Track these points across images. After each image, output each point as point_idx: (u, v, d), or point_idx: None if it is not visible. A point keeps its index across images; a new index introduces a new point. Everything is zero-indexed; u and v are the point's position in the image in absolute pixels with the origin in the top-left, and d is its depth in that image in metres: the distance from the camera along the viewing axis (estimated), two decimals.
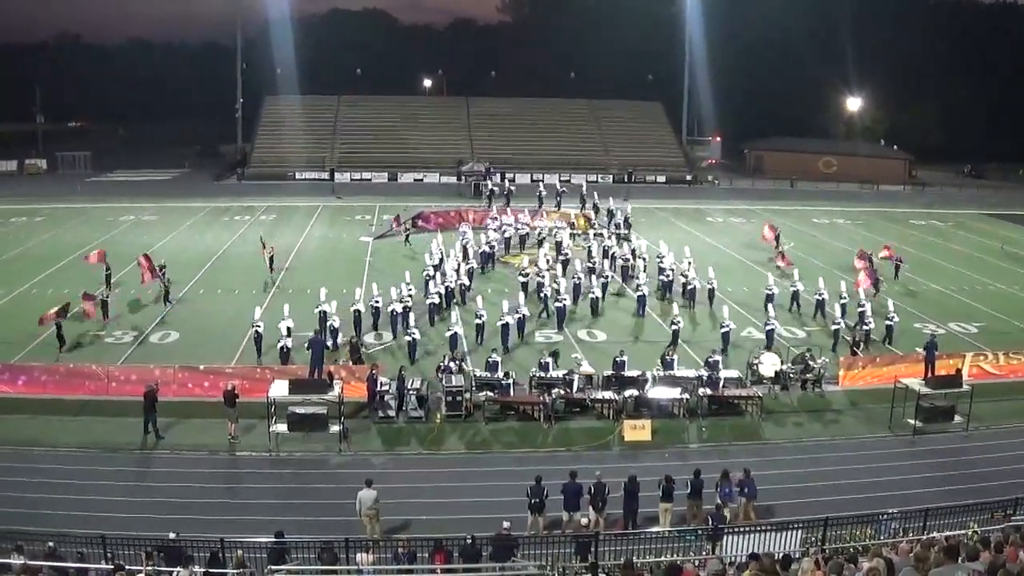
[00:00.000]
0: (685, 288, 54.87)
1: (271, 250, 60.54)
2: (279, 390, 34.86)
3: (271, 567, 22.50)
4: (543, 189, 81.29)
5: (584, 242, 64.67)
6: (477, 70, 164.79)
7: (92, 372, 39.23)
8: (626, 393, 37.46)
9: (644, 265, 57.09)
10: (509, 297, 49.38)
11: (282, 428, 34.09)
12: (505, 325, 44.88)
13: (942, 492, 29.85)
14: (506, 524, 25.59)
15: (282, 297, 51.82)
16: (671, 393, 37.84)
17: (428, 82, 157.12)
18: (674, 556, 24.23)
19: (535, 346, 45.46)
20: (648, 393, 37.70)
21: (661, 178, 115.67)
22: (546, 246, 62.73)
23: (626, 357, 39.74)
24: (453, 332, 42.99)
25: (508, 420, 37.24)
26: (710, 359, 40.05)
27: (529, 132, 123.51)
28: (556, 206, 77.73)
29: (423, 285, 51.25)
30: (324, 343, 41.15)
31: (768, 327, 45.38)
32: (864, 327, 46.31)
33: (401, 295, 47.73)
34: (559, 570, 23.19)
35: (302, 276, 59.19)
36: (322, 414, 34.22)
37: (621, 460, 33.16)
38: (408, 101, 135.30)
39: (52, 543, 23.32)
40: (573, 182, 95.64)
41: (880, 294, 53.66)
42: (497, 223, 69.67)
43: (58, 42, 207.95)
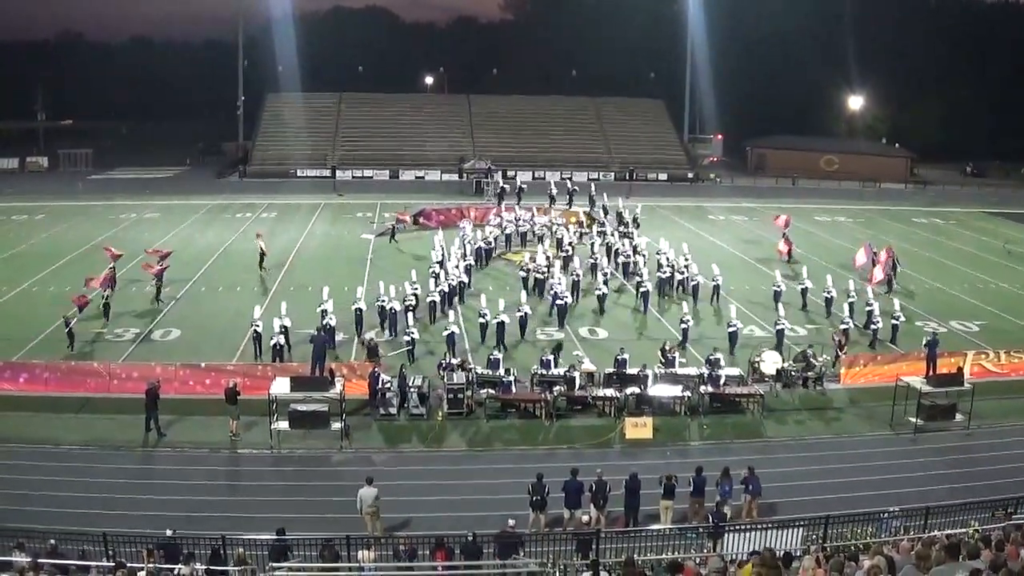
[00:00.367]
0: (683, 284, 55.18)
1: (261, 247, 60.63)
2: (280, 387, 34.82)
3: (272, 564, 22.50)
4: (554, 188, 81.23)
5: (587, 239, 64.55)
6: (479, 67, 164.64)
7: (93, 370, 39.29)
8: (627, 390, 37.48)
9: (644, 261, 57.12)
10: (506, 295, 49.43)
11: (283, 425, 34.12)
12: (501, 323, 44.71)
13: (943, 490, 29.85)
14: (511, 522, 25.62)
15: (283, 295, 51.84)
16: (672, 391, 37.85)
17: (430, 79, 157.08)
18: (675, 554, 24.23)
19: (536, 344, 45.46)
20: (649, 391, 37.70)
21: (663, 176, 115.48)
22: (546, 243, 62.64)
23: (627, 355, 39.68)
24: (450, 332, 42.77)
25: (509, 417, 37.26)
26: (711, 356, 40.00)
27: (531, 130, 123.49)
28: (568, 204, 77.52)
29: (431, 282, 50.80)
30: (325, 341, 41.16)
31: (778, 327, 45.11)
32: (872, 326, 46.27)
33: (405, 293, 47.69)
34: (560, 567, 23.19)
35: (303, 274, 59.20)
36: (323, 411, 34.25)
37: (622, 458, 33.15)
38: (410, 98, 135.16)
39: (54, 540, 23.32)
40: (575, 180, 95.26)
41: (883, 292, 53.51)
42: (498, 219, 69.73)
43: (60, 40, 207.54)
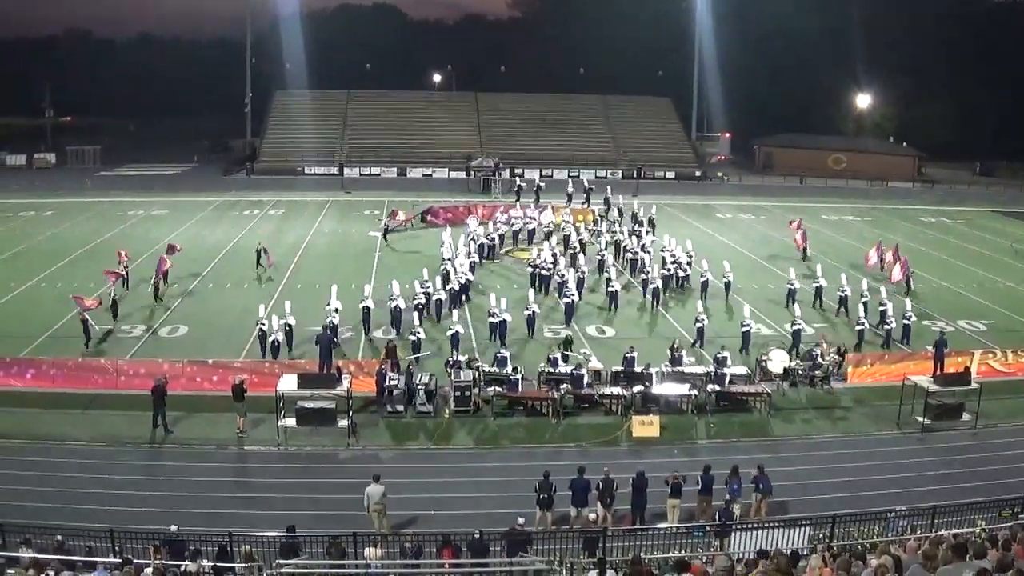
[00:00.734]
0: (686, 281, 55.72)
1: (259, 244, 60.77)
2: (288, 384, 34.90)
3: (279, 561, 22.52)
4: (571, 186, 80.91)
5: (596, 238, 64.54)
6: (486, 65, 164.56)
7: (101, 366, 39.34)
8: (634, 389, 37.47)
9: (650, 259, 57.12)
10: (514, 292, 49.41)
11: (291, 422, 34.15)
12: (503, 322, 44.62)
13: (950, 490, 29.81)
14: (520, 520, 25.63)
15: (291, 293, 51.93)
16: (679, 389, 37.83)
17: (437, 77, 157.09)
18: (682, 552, 24.24)
19: (543, 342, 45.47)
20: (656, 389, 37.70)
21: (670, 174, 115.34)
22: (553, 240, 62.61)
23: (636, 353, 39.58)
24: (454, 331, 42.51)
25: (516, 415, 37.25)
26: (719, 355, 39.96)
27: (538, 128, 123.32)
28: (585, 203, 77.35)
29: (437, 280, 50.50)
30: (332, 338, 41.16)
31: (795, 327, 44.65)
32: (886, 326, 46.14)
33: (414, 292, 47.69)
34: (567, 565, 23.20)
35: (311, 271, 59.28)
36: (331, 409, 34.27)
37: (629, 456, 33.16)
38: (417, 96, 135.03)
39: (60, 536, 23.37)
40: (582, 178, 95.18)
41: (893, 291, 53.17)
42: (506, 216, 69.79)
43: (68, 37, 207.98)
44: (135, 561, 21.02)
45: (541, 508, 27.92)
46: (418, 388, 37.07)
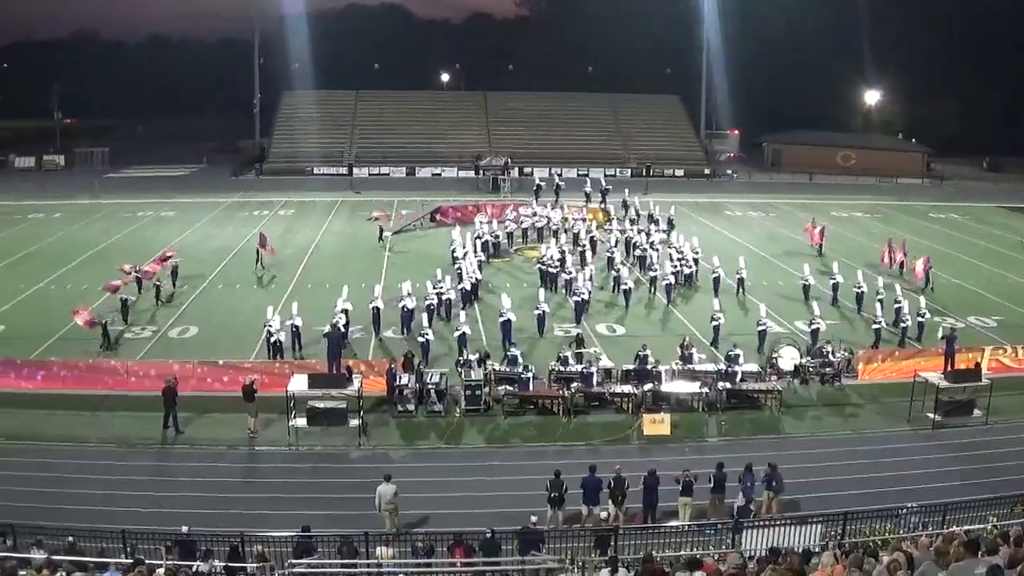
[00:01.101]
0: (691, 278, 55.84)
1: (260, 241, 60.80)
2: (299, 385, 34.94)
3: (291, 561, 22.55)
4: (589, 185, 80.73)
5: (607, 235, 64.48)
6: (495, 64, 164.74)
7: (111, 367, 39.41)
8: (645, 387, 37.44)
9: (658, 256, 57.06)
10: (523, 291, 49.35)
11: (301, 422, 34.22)
12: (507, 321, 44.48)
13: (962, 486, 29.73)
14: (533, 518, 25.68)
15: (301, 293, 52.06)
16: (690, 387, 37.82)
17: (445, 77, 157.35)
18: (694, 550, 24.22)
19: (553, 340, 45.45)
20: (666, 387, 37.66)
21: (679, 172, 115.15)
22: (562, 238, 62.56)
23: (648, 351, 39.52)
24: (461, 332, 42.43)
25: (527, 414, 37.27)
26: (731, 352, 39.91)
27: (547, 126, 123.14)
28: (601, 202, 77.18)
29: (447, 279, 50.29)
30: (340, 338, 41.16)
31: (814, 326, 44.45)
32: (902, 324, 46.00)
33: (426, 292, 47.65)
34: (578, 564, 23.21)
35: (320, 271, 59.34)
36: (341, 408, 34.34)
37: (640, 454, 33.14)
38: (425, 96, 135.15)
39: (72, 537, 23.44)
40: (599, 177, 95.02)
41: (904, 288, 52.86)
42: (515, 214, 69.79)
43: (76, 38, 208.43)
44: (147, 562, 21.06)
45: (552, 507, 27.89)
46: (429, 387, 37.09)
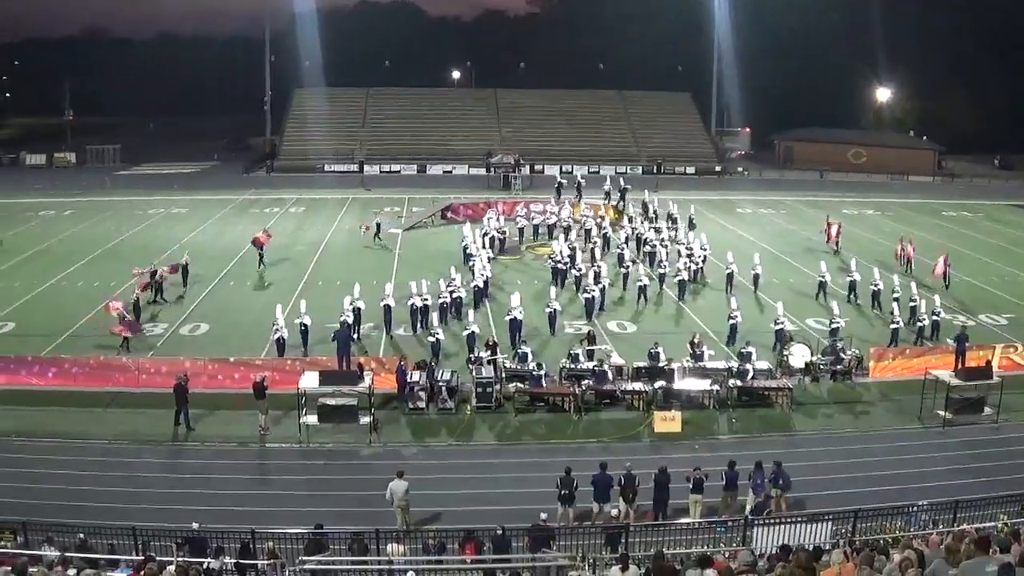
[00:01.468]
0: (698, 274, 56.04)
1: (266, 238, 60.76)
2: (309, 381, 35.00)
3: (302, 558, 22.58)
4: (608, 183, 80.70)
5: (620, 233, 64.42)
6: (506, 61, 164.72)
7: (122, 364, 39.51)
8: (656, 384, 37.42)
9: (667, 253, 57.01)
10: (534, 288, 49.33)
11: (312, 419, 34.25)
12: (513, 320, 44.47)
13: (972, 484, 29.63)
14: (543, 515, 25.67)
15: (312, 290, 52.15)
16: (701, 384, 37.79)
17: (456, 74, 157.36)
18: (705, 547, 24.21)
19: (564, 338, 45.44)
20: (677, 384, 37.64)
21: (690, 169, 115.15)
22: (572, 235, 62.54)
23: (660, 349, 39.51)
24: (470, 331, 42.30)
25: (538, 411, 37.27)
26: (743, 350, 39.88)
27: (558, 123, 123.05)
28: (620, 199, 76.96)
29: (458, 277, 50.18)
30: (349, 335, 41.16)
31: (833, 325, 44.31)
32: (918, 323, 45.86)
33: (439, 290, 47.62)
34: (589, 561, 23.22)
35: (331, 269, 59.41)
36: (352, 405, 34.37)
37: (651, 451, 33.14)
38: (437, 93, 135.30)
39: (83, 534, 23.52)
40: (602, 174, 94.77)
41: (919, 286, 52.54)
42: (525, 210, 69.82)
43: (87, 36, 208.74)
44: (157, 559, 21.11)
45: (563, 504, 27.87)
46: (440, 385, 37.12)
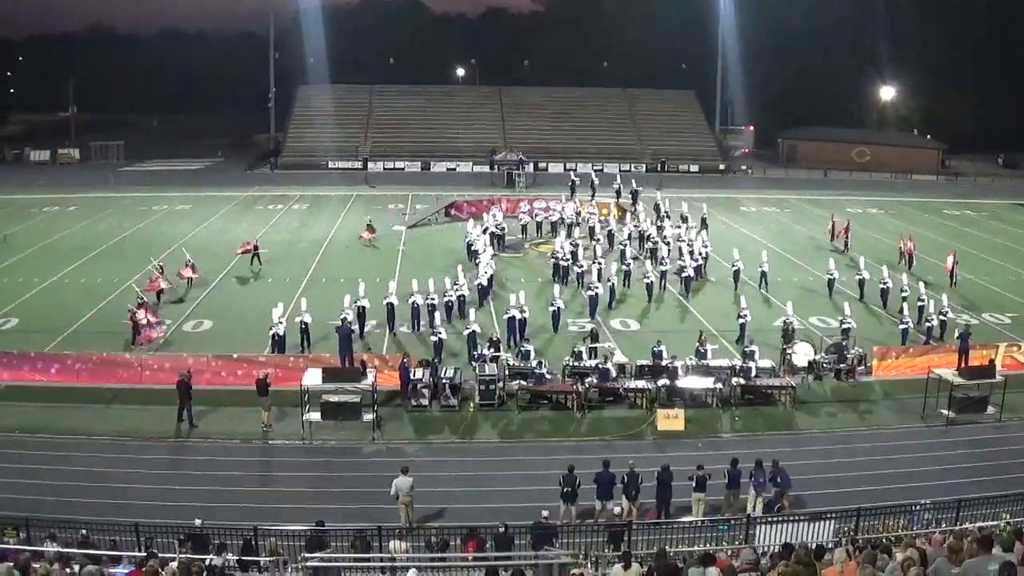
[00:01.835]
0: (699, 271, 55.92)
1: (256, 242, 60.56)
2: (312, 378, 35.02)
3: (305, 555, 22.59)
4: (619, 181, 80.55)
5: (623, 230, 64.39)
6: (510, 59, 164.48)
7: (125, 360, 39.56)
8: (659, 382, 37.39)
9: (668, 250, 57.01)
10: (537, 286, 49.32)
11: (315, 416, 34.25)
12: (512, 319, 44.33)
13: (975, 483, 29.58)
14: (545, 513, 25.69)
15: (315, 287, 52.18)
16: (704, 382, 37.76)
17: (461, 71, 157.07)
18: (707, 546, 24.21)
19: (567, 335, 45.43)
20: (681, 382, 37.61)
21: (694, 167, 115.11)
22: (575, 232, 62.46)
23: (664, 347, 39.49)
24: (471, 331, 42.12)
25: (541, 409, 37.25)
26: (747, 348, 39.86)
27: (562, 121, 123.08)
28: (632, 199, 76.80)
29: (461, 275, 50.17)
30: (351, 332, 41.10)
31: (845, 325, 44.07)
32: (927, 323, 45.78)
33: (444, 289, 47.61)
34: (592, 559, 23.22)
35: (335, 266, 59.44)
36: (355, 402, 34.39)
37: (654, 449, 33.16)
38: (441, 90, 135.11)
39: (85, 530, 23.55)
40: (606, 172, 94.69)
41: (923, 286, 52.26)
42: (528, 207, 69.88)
43: (91, 33, 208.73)
44: (160, 555, 21.14)
45: (565, 501, 27.88)
46: (443, 382, 37.13)
